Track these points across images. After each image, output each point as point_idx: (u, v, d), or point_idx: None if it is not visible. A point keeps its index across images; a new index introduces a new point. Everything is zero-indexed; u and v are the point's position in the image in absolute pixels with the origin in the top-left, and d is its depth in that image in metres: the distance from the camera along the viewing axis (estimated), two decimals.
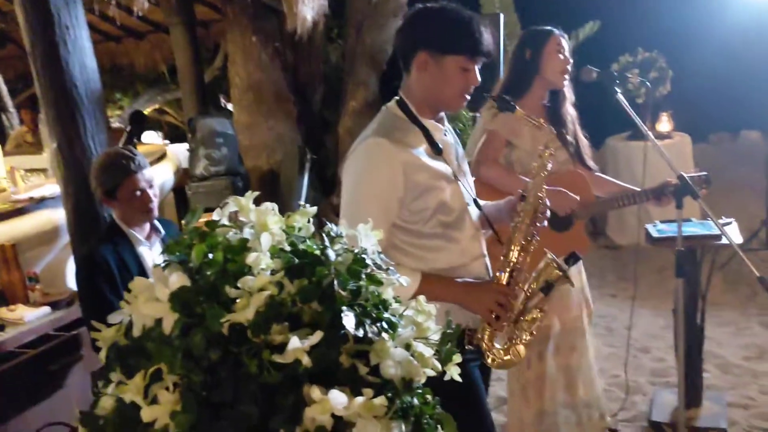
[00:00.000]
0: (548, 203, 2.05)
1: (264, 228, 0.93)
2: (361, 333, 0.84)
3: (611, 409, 3.34)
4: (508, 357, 1.99)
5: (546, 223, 2.07)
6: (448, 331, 0.96)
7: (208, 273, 0.89)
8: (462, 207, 2.03)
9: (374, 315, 0.88)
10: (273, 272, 0.89)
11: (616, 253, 6.04)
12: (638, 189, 2.88)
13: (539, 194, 2.01)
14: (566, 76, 2.85)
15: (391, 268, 1.01)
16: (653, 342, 4.28)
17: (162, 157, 5.62)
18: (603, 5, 7.01)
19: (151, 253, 2.63)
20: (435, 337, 0.96)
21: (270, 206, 0.98)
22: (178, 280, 0.88)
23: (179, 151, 6.09)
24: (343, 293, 0.88)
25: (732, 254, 3.09)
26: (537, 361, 2.86)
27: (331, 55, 6.78)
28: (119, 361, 0.94)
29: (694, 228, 3.13)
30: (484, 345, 1.98)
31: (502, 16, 4.10)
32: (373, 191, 1.91)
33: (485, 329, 1.97)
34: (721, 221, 2.84)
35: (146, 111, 9.55)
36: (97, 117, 3.19)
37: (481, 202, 2.16)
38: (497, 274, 2.00)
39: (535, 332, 2.00)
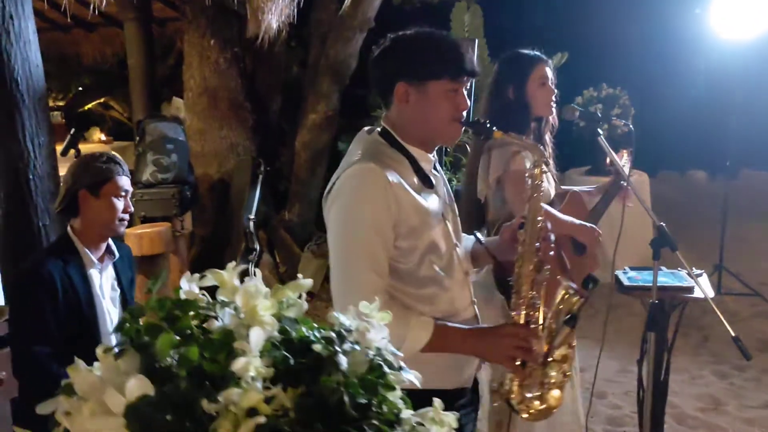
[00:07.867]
0: (549, 226, 1.81)
1: (253, 316, 0.72)
2: None
3: None
4: (543, 405, 1.75)
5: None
6: None
7: (179, 374, 0.68)
8: (450, 249, 1.82)
9: None
10: (265, 380, 0.69)
11: None
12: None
13: (539, 217, 1.77)
14: (553, 105, 2.72)
15: (403, 365, 0.81)
16: (609, 387, 4.18)
17: None
18: (571, 37, 7.00)
19: (101, 278, 2.38)
20: None
21: (259, 287, 0.77)
22: (137, 386, 0.66)
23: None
24: (354, 412, 0.68)
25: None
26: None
27: (292, 65, 6.55)
28: None
29: (664, 278, 3.01)
30: (513, 399, 1.74)
31: (477, 41, 3.98)
32: (369, 219, 1.67)
33: (512, 380, 1.74)
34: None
35: (90, 105, 9.09)
36: (39, 117, 2.88)
37: (482, 237, 1.98)
38: (512, 314, 1.76)
39: (567, 372, 1.78)
